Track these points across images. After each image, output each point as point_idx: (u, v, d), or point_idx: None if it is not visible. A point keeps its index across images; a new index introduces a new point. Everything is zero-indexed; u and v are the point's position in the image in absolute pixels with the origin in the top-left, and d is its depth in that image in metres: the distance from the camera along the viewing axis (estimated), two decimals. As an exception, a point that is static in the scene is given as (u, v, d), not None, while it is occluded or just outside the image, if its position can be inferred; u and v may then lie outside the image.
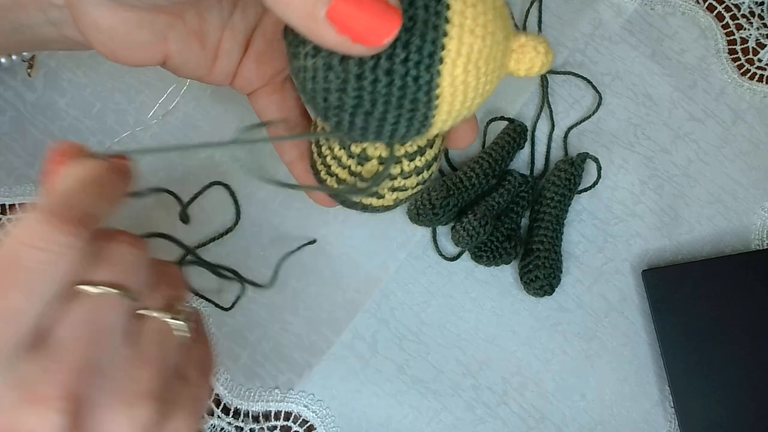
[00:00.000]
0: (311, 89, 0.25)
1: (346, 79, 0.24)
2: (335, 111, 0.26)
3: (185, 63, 0.31)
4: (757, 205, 0.47)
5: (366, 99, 0.25)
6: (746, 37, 0.49)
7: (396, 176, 0.31)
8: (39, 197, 0.24)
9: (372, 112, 0.25)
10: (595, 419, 0.44)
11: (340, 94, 0.25)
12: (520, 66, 0.26)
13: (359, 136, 0.27)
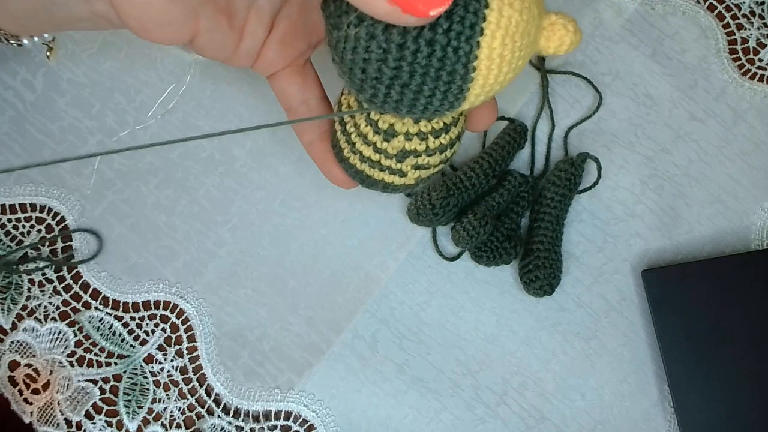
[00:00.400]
0: (351, 60, 0.26)
1: (388, 49, 0.25)
2: (373, 82, 0.26)
3: (211, 42, 0.31)
4: (758, 205, 0.47)
5: (405, 69, 0.25)
6: (747, 37, 0.49)
7: (421, 153, 0.31)
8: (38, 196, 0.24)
9: (409, 83, 0.26)
10: (594, 419, 0.44)
11: (380, 64, 0.25)
12: (549, 43, 0.26)
13: (392, 108, 0.27)
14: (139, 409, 0.43)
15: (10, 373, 0.43)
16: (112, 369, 0.43)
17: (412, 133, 0.31)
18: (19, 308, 0.44)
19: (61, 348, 0.43)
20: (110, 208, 0.45)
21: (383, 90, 0.26)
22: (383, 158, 0.32)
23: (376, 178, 0.33)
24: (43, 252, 0.44)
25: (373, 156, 0.32)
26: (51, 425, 0.43)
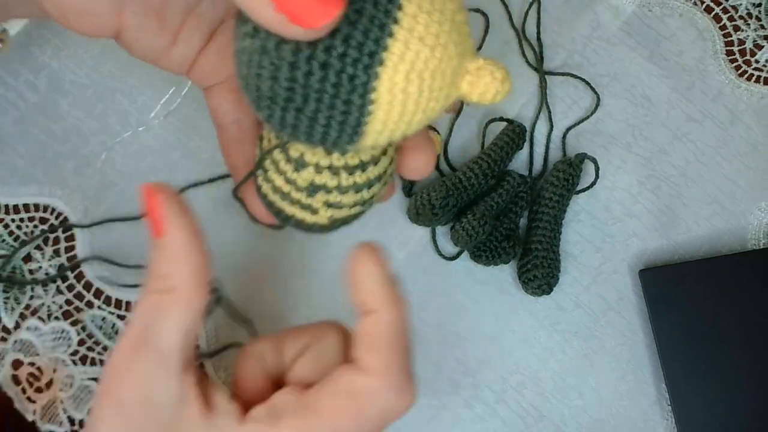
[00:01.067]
0: (245, 74, 0.24)
1: (279, 66, 0.23)
2: (267, 102, 0.24)
3: (139, 41, 0.30)
4: (754, 206, 0.47)
5: (298, 92, 0.23)
6: (744, 39, 0.49)
7: (332, 189, 0.29)
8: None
9: (303, 108, 0.24)
10: (592, 417, 0.44)
11: (272, 83, 0.23)
12: (473, 90, 0.24)
13: (289, 134, 0.25)
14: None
15: (14, 371, 0.43)
16: (114, 368, 0.44)
17: (322, 166, 0.28)
18: (23, 307, 0.44)
19: (64, 347, 0.44)
20: (113, 208, 0.45)
21: (278, 112, 0.24)
22: (293, 190, 0.29)
23: (288, 212, 0.31)
24: (45, 252, 0.45)
25: (284, 187, 0.30)
26: (54, 423, 0.43)
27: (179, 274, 0.26)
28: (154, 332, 0.25)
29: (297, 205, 0.30)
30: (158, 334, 0.25)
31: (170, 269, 0.26)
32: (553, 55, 0.48)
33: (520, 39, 0.49)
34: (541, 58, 0.48)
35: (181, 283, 0.26)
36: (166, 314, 0.25)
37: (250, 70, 0.24)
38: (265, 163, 0.30)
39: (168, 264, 0.26)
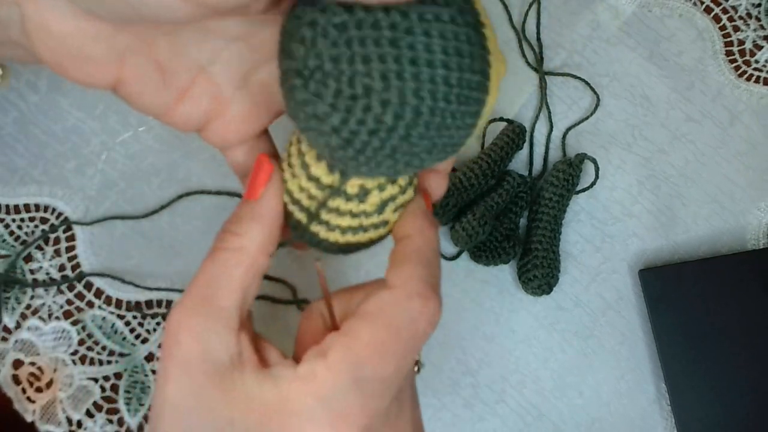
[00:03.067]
0: (327, 71, 0.20)
1: (396, 39, 0.20)
2: (351, 106, 0.21)
3: (140, 94, 0.28)
4: (753, 206, 0.47)
5: (424, 72, 0.20)
6: (743, 39, 0.49)
7: (396, 195, 0.28)
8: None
9: (424, 102, 0.21)
10: (592, 416, 0.44)
11: (381, 66, 0.20)
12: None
13: (369, 157, 0.22)
14: (140, 407, 0.44)
15: (14, 371, 0.43)
16: (113, 367, 0.44)
17: (351, 194, 0.27)
18: (23, 307, 0.44)
19: (65, 346, 0.44)
20: (113, 208, 0.45)
21: (373, 121, 0.21)
22: (365, 219, 0.28)
23: (363, 241, 0.29)
24: (46, 252, 0.45)
25: (353, 223, 0.28)
26: (52, 423, 0.43)
27: (253, 235, 0.27)
28: (216, 289, 0.26)
29: (371, 229, 0.29)
30: (220, 291, 0.26)
31: (247, 229, 0.27)
32: (553, 56, 0.49)
33: (519, 39, 0.49)
34: (540, 58, 0.48)
35: (251, 244, 0.27)
36: (231, 272, 0.26)
37: (339, 58, 0.20)
38: (322, 215, 0.28)
39: (247, 223, 0.27)
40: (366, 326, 0.25)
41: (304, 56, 0.21)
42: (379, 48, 0.20)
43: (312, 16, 0.21)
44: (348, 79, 0.20)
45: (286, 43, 0.22)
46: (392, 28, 0.20)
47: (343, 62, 0.20)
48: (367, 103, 0.20)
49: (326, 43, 0.20)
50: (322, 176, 0.27)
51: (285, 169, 0.28)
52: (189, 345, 0.25)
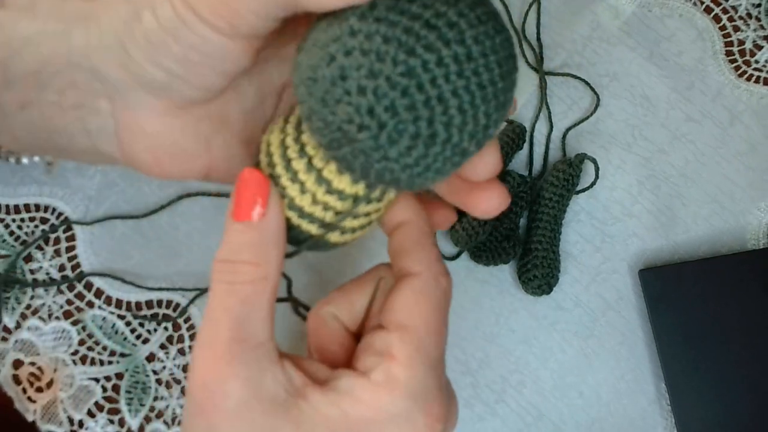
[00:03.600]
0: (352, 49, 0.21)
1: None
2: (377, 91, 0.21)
3: (230, 171, 0.28)
4: (754, 206, 0.47)
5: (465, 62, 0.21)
6: (743, 39, 0.49)
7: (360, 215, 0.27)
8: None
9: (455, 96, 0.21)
10: (592, 417, 0.44)
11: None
12: None
13: (388, 160, 0.22)
14: (141, 407, 0.44)
15: (14, 371, 0.43)
16: (114, 367, 0.44)
17: (347, 194, 0.26)
18: (23, 307, 0.44)
19: (65, 347, 0.44)
20: (113, 208, 0.45)
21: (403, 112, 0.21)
22: (374, 215, 0.28)
23: (363, 235, 0.29)
24: (46, 252, 0.45)
25: (364, 222, 0.28)
26: (54, 423, 0.43)
27: (273, 260, 0.25)
28: (249, 327, 0.25)
29: (316, 223, 0.27)
30: (254, 328, 0.25)
31: (265, 256, 0.25)
32: (553, 56, 0.49)
33: (519, 39, 0.49)
34: (540, 58, 0.48)
35: (274, 270, 0.25)
36: (260, 305, 0.25)
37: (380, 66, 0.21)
38: (286, 176, 0.27)
39: (261, 250, 0.25)
40: (417, 318, 0.25)
41: (342, 62, 0.21)
42: (423, 51, 0.21)
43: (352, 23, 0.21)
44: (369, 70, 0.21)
45: (321, 53, 0.22)
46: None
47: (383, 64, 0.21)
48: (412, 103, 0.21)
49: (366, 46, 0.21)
50: (346, 188, 0.26)
51: (286, 186, 0.26)
52: (241, 392, 0.24)
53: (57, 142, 0.29)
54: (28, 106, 0.28)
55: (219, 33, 0.24)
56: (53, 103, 0.27)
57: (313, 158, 0.25)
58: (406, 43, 0.21)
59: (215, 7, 0.23)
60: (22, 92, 0.27)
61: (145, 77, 0.25)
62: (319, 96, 0.22)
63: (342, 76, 0.21)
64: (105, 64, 0.26)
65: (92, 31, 0.26)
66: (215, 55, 0.25)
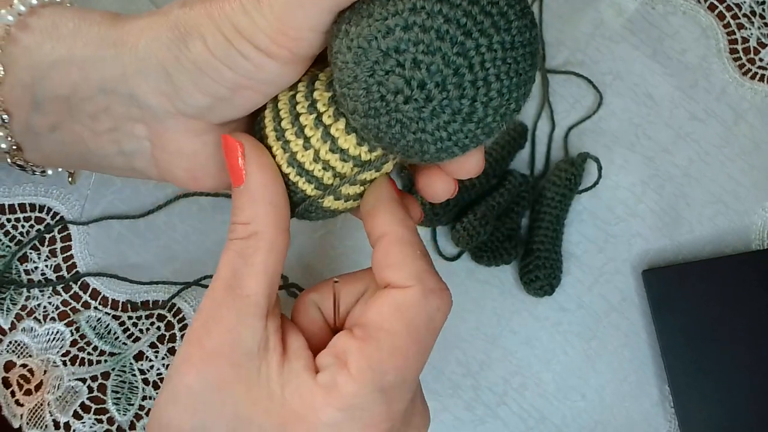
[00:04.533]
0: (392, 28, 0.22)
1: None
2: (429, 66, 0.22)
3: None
4: (758, 205, 0.47)
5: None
6: (747, 37, 0.49)
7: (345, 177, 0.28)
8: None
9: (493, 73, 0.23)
10: (595, 419, 0.44)
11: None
12: None
13: (422, 139, 0.24)
14: (129, 407, 0.43)
15: (5, 374, 0.43)
16: (101, 367, 0.43)
17: (350, 155, 0.27)
18: (19, 308, 0.44)
19: (57, 348, 0.43)
20: (110, 208, 0.45)
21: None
22: (368, 185, 0.29)
23: (353, 208, 0.30)
24: (42, 252, 0.44)
25: (359, 191, 0.28)
26: (39, 428, 0.42)
27: (261, 216, 0.26)
28: (240, 278, 0.26)
29: (313, 183, 0.28)
30: (244, 280, 0.26)
31: (252, 213, 0.26)
32: (555, 53, 0.48)
33: (521, 37, 0.48)
34: (543, 56, 0.48)
35: (264, 225, 0.26)
36: (251, 260, 0.26)
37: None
38: (291, 129, 0.27)
39: (250, 209, 0.26)
40: (385, 332, 0.25)
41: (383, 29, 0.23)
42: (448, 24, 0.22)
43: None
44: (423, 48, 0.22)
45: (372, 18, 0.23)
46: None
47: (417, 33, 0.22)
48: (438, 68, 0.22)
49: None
50: (350, 148, 0.26)
51: (291, 140, 0.27)
52: (220, 335, 0.25)
53: (90, 161, 0.30)
54: (59, 128, 0.28)
55: (276, 60, 0.25)
56: (87, 126, 0.28)
57: (322, 114, 0.26)
58: (464, 26, 0.22)
59: (275, 38, 0.24)
60: (53, 115, 0.28)
61: (189, 102, 0.26)
62: (369, 65, 0.23)
63: (398, 49, 0.22)
64: (144, 90, 0.26)
65: (128, 60, 0.26)
66: (267, 80, 0.26)
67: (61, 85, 0.27)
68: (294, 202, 0.28)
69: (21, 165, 0.31)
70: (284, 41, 0.24)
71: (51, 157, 0.31)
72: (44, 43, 0.27)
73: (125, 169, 0.30)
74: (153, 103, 0.27)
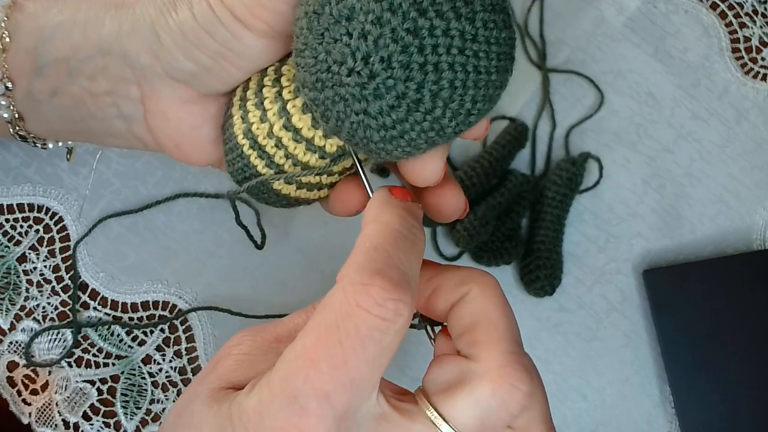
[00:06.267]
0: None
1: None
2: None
3: None
4: (760, 205, 0.46)
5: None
6: (749, 36, 0.48)
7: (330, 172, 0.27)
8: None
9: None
10: (596, 420, 0.44)
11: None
12: None
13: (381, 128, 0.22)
14: (137, 410, 0.43)
15: (9, 373, 0.43)
16: (109, 370, 0.43)
17: (316, 145, 0.27)
18: (18, 309, 0.43)
19: (60, 348, 0.43)
20: (108, 208, 0.44)
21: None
22: (323, 178, 0.28)
23: (308, 198, 0.29)
24: (41, 252, 0.44)
25: (313, 180, 0.28)
26: (49, 426, 0.42)
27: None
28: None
29: (264, 160, 0.27)
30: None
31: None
32: (556, 52, 0.48)
33: (522, 36, 0.48)
34: (543, 55, 0.48)
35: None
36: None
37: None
38: (253, 100, 0.27)
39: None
40: (301, 333, 0.22)
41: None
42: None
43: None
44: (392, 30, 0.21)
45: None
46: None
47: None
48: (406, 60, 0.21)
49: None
50: (303, 128, 0.26)
51: (250, 110, 0.27)
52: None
53: (92, 126, 0.31)
54: (59, 92, 0.30)
55: (254, 32, 0.26)
56: (85, 89, 0.29)
57: (283, 89, 0.26)
58: (420, 3, 0.21)
59: (252, 8, 0.25)
60: (53, 79, 0.29)
61: (175, 65, 0.27)
62: (319, 31, 0.22)
63: (348, 17, 0.21)
64: (136, 49, 0.28)
65: (124, 19, 0.28)
66: (245, 53, 0.27)
67: (63, 47, 0.28)
68: (246, 178, 0.28)
69: (23, 135, 0.32)
70: (260, 12, 0.25)
71: (52, 124, 0.31)
72: (51, 8, 0.29)
73: (127, 136, 0.31)
74: (143, 61, 0.28)
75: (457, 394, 0.23)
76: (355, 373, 0.21)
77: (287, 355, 0.22)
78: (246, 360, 0.24)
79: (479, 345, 0.23)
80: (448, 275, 0.25)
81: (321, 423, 0.21)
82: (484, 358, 0.23)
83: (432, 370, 0.24)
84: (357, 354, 0.21)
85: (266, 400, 0.21)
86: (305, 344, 0.21)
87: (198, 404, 0.23)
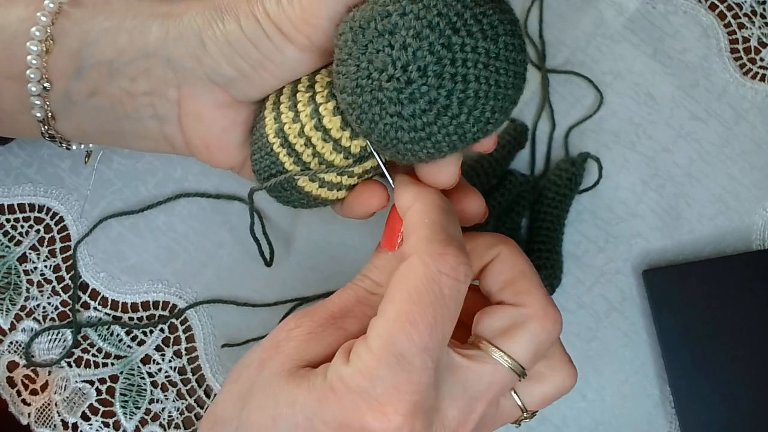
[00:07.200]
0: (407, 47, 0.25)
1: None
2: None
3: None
4: (759, 205, 0.46)
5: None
6: (748, 37, 0.49)
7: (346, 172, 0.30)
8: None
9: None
10: (595, 420, 0.44)
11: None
12: None
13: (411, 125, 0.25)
14: (136, 410, 0.43)
15: (9, 373, 0.43)
16: (108, 369, 0.43)
17: (343, 146, 0.29)
18: (18, 309, 0.43)
19: (60, 348, 0.43)
20: (109, 208, 0.45)
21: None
22: (344, 179, 0.30)
23: (327, 198, 0.31)
24: (41, 252, 0.44)
25: (335, 179, 0.30)
26: (48, 427, 0.42)
27: (387, 282, 0.28)
28: (343, 316, 0.29)
29: (293, 157, 0.30)
30: (346, 320, 0.28)
31: (383, 279, 0.30)
32: (556, 53, 0.48)
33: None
34: (543, 55, 0.48)
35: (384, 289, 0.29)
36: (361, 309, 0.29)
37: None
38: (286, 103, 0.30)
39: (384, 275, 0.30)
40: (389, 302, 0.26)
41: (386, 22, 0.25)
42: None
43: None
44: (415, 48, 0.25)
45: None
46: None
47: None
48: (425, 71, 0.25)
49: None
50: (333, 129, 0.28)
51: (283, 111, 0.29)
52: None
53: (124, 127, 0.32)
54: (97, 93, 0.31)
55: (296, 45, 0.28)
56: (124, 89, 0.30)
57: (316, 94, 0.29)
58: (454, 23, 0.24)
59: (297, 24, 0.27)
60: (93, 80, 0.30)
61: (218, 70, 0.29)
62: (364, 43, 0.25)
63: (391, 31, 0.25)
64: (180, 53, 0.29)
65: (172, 27, 0.30)
66: (284, 64, 0.29)
67: (107, 50, 0.30)
68: (272, 175, 0.30)
69: (52, 135, 0.32)
70: (304, 28, 0.28)
71: (84, 125, 0.32)
72: (97, 15, 0.30)
73: (157, 137, 0.32)
74: (187, 65, 0.30)
75: (516, 334, 0.27)
76: (445, 329, 0.25)
77: (378, 323, 0.25)
78: (312, 338, 0.27)
79: (523, 294, 0.28)
80: (479, 240, 0.29)
81: (425, 374, 0.25)
82: (531, 303, 0.28)
83: (484, 320, 0.28)
84: (444, 312, 0.25)
85: (372, 363, 0.24)
86: (399, 310, 0.25)
87: (276, 386, 0.26)
